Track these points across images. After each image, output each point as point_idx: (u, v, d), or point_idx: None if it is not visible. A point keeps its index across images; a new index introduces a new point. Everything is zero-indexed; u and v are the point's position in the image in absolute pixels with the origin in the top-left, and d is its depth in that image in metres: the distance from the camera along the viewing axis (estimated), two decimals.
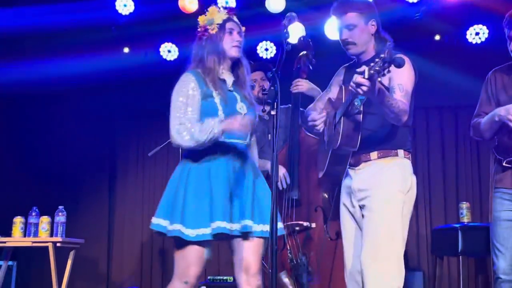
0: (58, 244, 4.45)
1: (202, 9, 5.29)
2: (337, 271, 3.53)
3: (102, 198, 6.31)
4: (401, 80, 2.84)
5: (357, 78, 2.54)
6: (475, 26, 5.34)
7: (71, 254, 4.65)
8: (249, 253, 2.73)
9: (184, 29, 5.50)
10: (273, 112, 2.38)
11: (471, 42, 5.36)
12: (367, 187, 2.90)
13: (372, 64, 2.49)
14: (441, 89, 5.38)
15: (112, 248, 6.26)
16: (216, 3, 5.26)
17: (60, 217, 4.52)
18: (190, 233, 2.61)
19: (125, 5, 5.39)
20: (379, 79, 2.54)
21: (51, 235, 4.49)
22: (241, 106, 2.82)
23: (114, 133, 6.46)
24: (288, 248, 3.78)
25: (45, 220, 4.50)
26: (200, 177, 2.69)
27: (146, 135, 6.25)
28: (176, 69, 5.80)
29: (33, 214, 4.51)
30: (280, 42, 2.67)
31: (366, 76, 2.50)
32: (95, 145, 6.28)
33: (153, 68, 5.80)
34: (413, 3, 5.11)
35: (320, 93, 3.65)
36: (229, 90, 2.84)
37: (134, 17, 5.45)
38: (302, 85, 3.85)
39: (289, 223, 3.77)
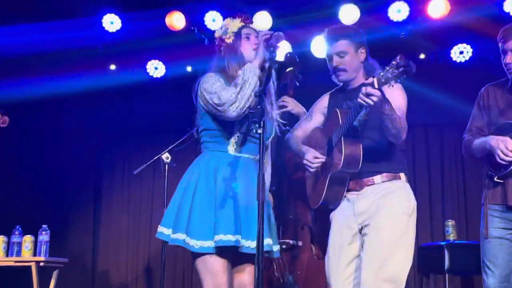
0: (41, 264, 4.40)
1: (189, 27, 5.44)
2: None
3: (87, 216, 6.25)
4: (397, 101, 2.86)
5: (367, 88, 2.55)
6: (459, 45, 5.40)
7: (55, 273, 4.59)
8: (247, 272, 2.72)
9: (171, 46, 5.53)
10: (259, 131, 2.36)
11: (456, 61, 5.42)
12: (372, 209, 2.89)
13: (381, 73, 2.50)
14: (426, 107, 5.42)
15: (96, 267, 6.19)
16: (203, 21, 5.31)
17: (44, 236, 4.46)
18: (194, 244, 2.59)
19: (112, 23, 5.39)
20: None
21: (34, 255, 4.43)
22: None
23: (99, 151, 6.43)
24: (275, 267, 3.75)
25: (28, 239, 4.45)
26: (208, 188, 2.66)
27: (132, 153, 6.23)
28: (163, 86, 5.91)
29: (16, 233, 4.46)
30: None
31: (376, 86, 2.52)
32: (80, 163, 6.24)
33: (140, 85, 5.79)
34: (398, 22, 5.16)
35: (306, 113, 3.65)
36: (257, 95, 2.69)
37: (121, 34, 5.45)
38: (288, 104, 3.83)
39: None
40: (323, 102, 3.23)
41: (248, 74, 2.64)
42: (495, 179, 3.04)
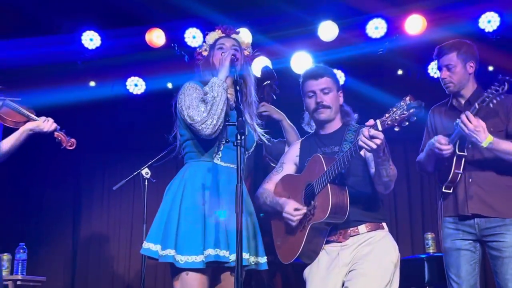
0: (18, 282, 4.33)
1: (169, 43, 5.45)
2: None
3: (65, 233, 6.17)
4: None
5: (370, 130, 2.42)
6: (436, 61, 5.49)
7: None
8: (226, 283, 2.67)
9: (151, 63, 5.54)
10: (239, 142, 2.35)
11: (433, 76, 5.51)
12: (357, 255, 2.74)
13: (387, 114, 2.38)
14: None
15: (75, 286, 6.10)
16: (183, 38, 5.33)
17: (21, 254, 4.40)
18: (180, 259, 2.52)
19: (91, 39, 5.39)
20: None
21: (12, 273, 4.36)
22: None
23: (78, 167, 6.38)
24: (254, 284, 3.73)
25: (5, 257, 4.38)
26: (195, 200, 2.61)
27: (111, 169, 6.19)
28: (143, 103, 5.90)
29: None
30: None
31: (380, 128, 2.40)
32: (59, 180, 6.17)
33: (120, 102, 5.78)
34: (376, 39, 5.24)
35: (286, 118, 3.65)
36: (233, 109, 2.70)
37: (100, 51, 5.45)
38: (268, 109, 3.80)
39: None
40: (294, 151, 3.11)
41: (217, 89, 2.62)
42: (443, 190, 3.12)
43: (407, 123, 2.35)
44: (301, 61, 5.41)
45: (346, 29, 5.27)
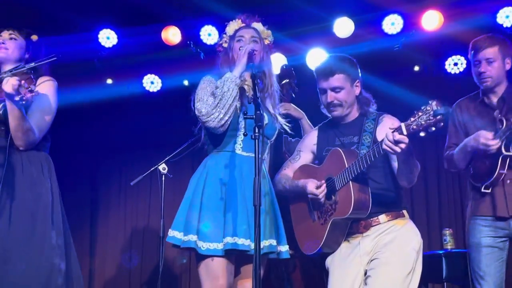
0: None
1: (185, 41, 5.47)
2: None
3: (84, 228, 6.23)
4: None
5: (395, 135, 2.41)
6: (453, 57, 5.46)
7: None
8: (248, 274, 2.71)
9: (167, 60, 5.57)
10: (256, 135, 2.36)
11: (450, 72, 5.47)
12: (379, 244, 2.78)
13: (412, 118, 2.38)
14: None
15: (93, 281, 6.15)
16: (199, 35, 5.35)
17: None
18: (201, 245, 2.58)
19: (108, 38, 5.43)
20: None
21: None
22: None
23: (96, 164, 6.43)
24: (273, 277, 3.74)
25: None
26: (216, 191, 2.66)
27: (128, 167, 6.23)
28: (159, 101, 5.93)
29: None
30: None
31: (405, 132, 2.39)
32: (77, 177, 6.22)
33: (136, 100, 5.81)
34: (392, 35, 5.21)
35: (305, 117, 3.64)
36: (251, 102, 2.71)
37: (117, 49, 5.48)
38: (289, 108, 3.84)
39: None
40: (311, 139, 3.10)
41: (228, 85, 2.64)
42: (482, 190, 3.06)
43: (433, 129, 2.33)
44: (316, 58, 5.40)
45: (362, 25, 5.24)
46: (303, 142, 3.14)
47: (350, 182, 2.69)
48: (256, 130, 2.34)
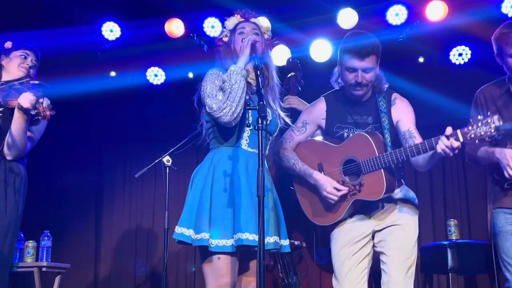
0: (43, 269, 4.38)
1: (188, 33, 5.46)
2: None
3: (89, 221, 6.25)
4: (411, 116, 2.91)
5: (452, 141, 2.47)
6: (458, 47, 5.43)
7: (57, 279, 4.57)
8: (254, 269, 2.72)
9: (171, 53, 5.56)
10: (262, 125, 2.35)
11: (455, 63, 5.45)
12: (391, 210, 2.94)
13: (470, 127, 2.45)
14: (426, 109, 5.42)
15: (98, 272, 6.18)
16: (202, 28, 5.33)
17: (46, 242, 4.46)
18: (211, 242, 2.57)
19: (111, 30, 5.42)
20: None
21: (37, 260, 4.42)
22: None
23: (100, 156, 6.44)
24: (279, 267, 3.75)
25: (30, 244, 4.44)
26: (224, 187, 2.65)
27: (133, 158, 6.23)
28: (163, 93, 5.93)
29: (18, 238, 4.44)
30: None
31: (461, 139, 2.47)
32: (82, 169, 6.24)
33: (140, 92, 5.82)
34: (397, 25, 5.18)
35: None
36: (254, 93, 2.75)
37: (120, 42, 5.47)
38: (294, 101, 3.85)
39: None
40: (319, 112, 3.06)
41: (235, 77, 2.62)
42: (505, 186, 3.02)
43: (488, 140, 2.43)
44: (320, 49, 5.39)
45: (366, 16, 5.21)
46: (310, 113, 3.09)
47: (382, 170, 2.78)
48: (259, 121, 2.33)
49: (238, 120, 2.63)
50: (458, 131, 2.45)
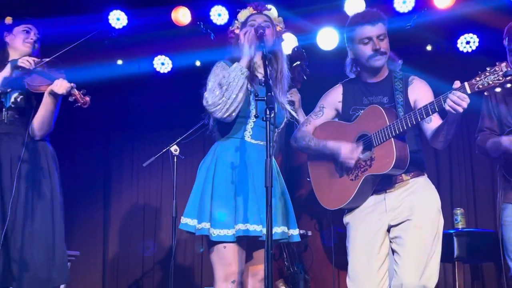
0: None
1: (195, 22, 5.46)
2: (334, 279, 3.54)
3: (97, 209, 6.29)
4: (430, 97, 2.78)
5: (458, 93, 2.38)
6: (466, 35, 5.40)
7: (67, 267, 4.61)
8: (260, 259, 2.75)
9: (178, 41, 5.56)
10: (269, 116, 2.36)
11: (462, 51, 5.42)
12: (407, 205, 2.78)
13: (477, 77, 2.36)
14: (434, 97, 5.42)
15: (107, 260, 6.24)
16: (208, 16, 5.33)
17: None
18: (212, 232, 2.61)
19: (118, 19, 5.42)
20: None
21: None
22: None
23: (108, 145, 6.47)
24: (285, 256, 3.78)
25: None
26: (226, 178, 2.68)
27: (141, 147, 6.26)
28: (169, 81, 5.93)
29: None
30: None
31: (469, 91, 2.38)
32: (89, 157, 6.28)
33: (147, 80, 5.82)
34: (404, 13, 5.15)
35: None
36: (262, 84, 2.74)
37: (127, 30, 5.48)
38: (295, 99, 3.80)
39: None
40: (336, 95, 3.03)
41: (234, 75, 2.63)
42: None
43: (499, 90, 2.31)
44: (327, 37, 5.37)
45: (373, 4, 5.15)
46: (326, 98, 3.07)
47: (392, 139, 2.68)
48: (267, 112, 2.33)
49: (233, 116, 2.66)
50: (466, 83, 2.38)
